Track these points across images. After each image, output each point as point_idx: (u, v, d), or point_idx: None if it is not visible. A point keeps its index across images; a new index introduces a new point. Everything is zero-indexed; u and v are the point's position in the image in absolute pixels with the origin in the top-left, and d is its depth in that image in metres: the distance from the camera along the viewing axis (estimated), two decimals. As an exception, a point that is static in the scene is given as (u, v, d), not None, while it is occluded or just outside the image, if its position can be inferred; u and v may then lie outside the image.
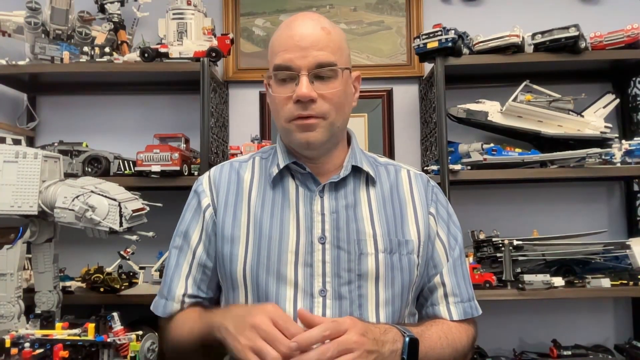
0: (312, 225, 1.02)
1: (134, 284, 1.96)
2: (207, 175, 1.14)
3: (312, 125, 1.00)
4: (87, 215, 1.34)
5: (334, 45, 1.01)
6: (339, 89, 1.01)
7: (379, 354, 0.84)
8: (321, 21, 1.03)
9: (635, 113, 2.11)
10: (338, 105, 1.02)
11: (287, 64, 0.99)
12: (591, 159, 1.86)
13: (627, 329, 2.12)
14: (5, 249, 1.39)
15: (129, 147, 2.03)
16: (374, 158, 1.17)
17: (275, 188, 1.08)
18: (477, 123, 1.97)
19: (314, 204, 1.04)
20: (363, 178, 1.09)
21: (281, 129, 1.06)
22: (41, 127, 2.26)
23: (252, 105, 2.26)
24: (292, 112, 1.00)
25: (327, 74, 0.99)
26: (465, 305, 1.08)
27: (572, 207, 2.17)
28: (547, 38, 1.88)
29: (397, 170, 1.14)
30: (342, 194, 1.06)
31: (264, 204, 1.06)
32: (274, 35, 1.06)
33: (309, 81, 0.98)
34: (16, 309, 1.40)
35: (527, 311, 2.12)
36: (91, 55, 1.99)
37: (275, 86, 1.02)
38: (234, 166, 1.14)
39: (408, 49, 2.23)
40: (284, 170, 1.08)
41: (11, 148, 1.41)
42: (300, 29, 1.00)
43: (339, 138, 1.09)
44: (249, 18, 2.28)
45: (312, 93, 0.97)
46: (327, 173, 1.08)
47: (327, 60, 0.99)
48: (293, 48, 0.98)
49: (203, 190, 1.11)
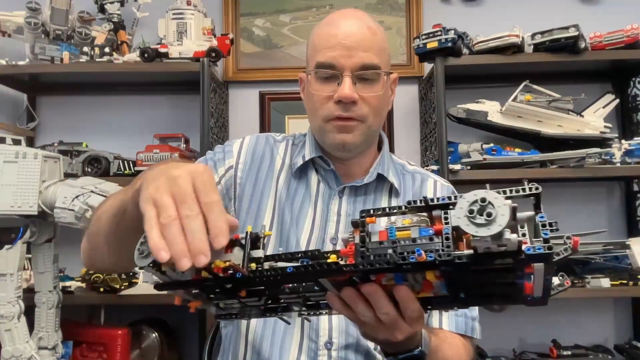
0: (327, 224, 1.01)
1: (134, 284, 1.96)
2: (240, 141, 1.10)
3: (350, 127, 0.98)
4: (87, 216, 1.34)
5: (378, 47, 0.98)
6: (380, 93, 0.99)
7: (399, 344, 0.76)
8: (366, 20, 1.00)
9: (635, 113, 2.11)
10: (377, 109, 1.00)
11: (331, 62, 0.96)
12: (591, 159, 1.86)
13: (627, 329, 2.12)
14: (5, 249, 1.39)
15: (129, 147, 2.03)
16: (402, 166, 1.14)
17: (300, 179, 1.06)
18: (477, 123, 1.97)
19: (331, 203, 1.03)
20: (387, 188, 1.07)
21: (316, 127, 1.03)
22: (41, 127, 2.26)
23: (252, 106, 2.26)
24: (331, 111, 0.97)
25: (371, 76, 0.97)
26: (459, 320, 1.01)
27: (572, 207, 2.17)
28: (547, 38, 1.88)
29: (423, 180, 1.11)
30: (362, 199, 1.04)
31: (288, 193, 1.04)
32: (316, 30, 1.03)
33: (352, 82, 0.95)
34: (16, 309, 1.40)
35: (527, 311, 2.12)
36: (91, 56, 1.99)
37: (315, 83, 0.99)
38: (270, 141, 1.11)
39: (408, 49, 2.23)
40: (309, 163, 1.06)
41: (11, 148, 1.41)
42: (345, 27, 0.97)
43: (372, 141, 1.07)
44: (249, 18, 2.28)
45: (355, 95, 0.95)
46: (352, 175, 1.06)
47: (372, 62, 0.96)
48: (337, 46, 0.96)
49: (231, 150, 1.08)
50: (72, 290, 1.86)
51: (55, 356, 1.54)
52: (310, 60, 1.01)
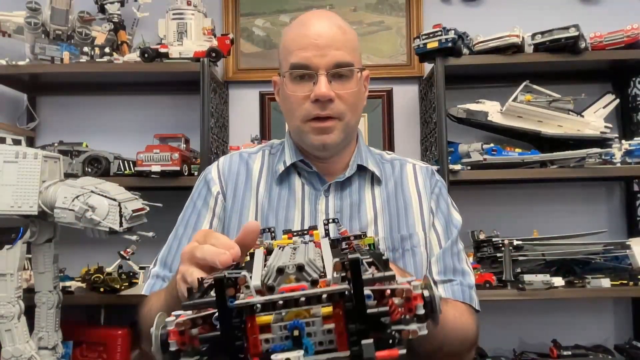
0: (316, 224, 1.02)
1: (134, 284, 1.96)
2: (215, 165, 1.13)
3: (328, 128, 0.99)
4: (87, 216, 1.34)
5: (350, 45, 1.00)
6: (355, 89, 1.00)
7: None
8: (336, 20, 1.02)
9: (635, 113, 2.11)
10: (353, 106, 1.01)
11: (305, 62, 0.97)
12: (591, 159, 1.86)
13: (627, 329, 2.12)
14: (5, 249, 1.39)
15: (129, 147, 2.03)
16: (381, 155, 1.16)
17: (282, 184, 1.07)
18: (477, 123, 1.97)
19: (318, 203, 1.04)
20: (368, 177, 1.09)
21: (295, 128, 1.04)
22: (41, 127, 2.26)
23: (252, 106, 2.26)
24: (309, 111, 0.98)
25: (345, 73, 0.99)
26: (455, 288, 1.01)
27: (572, 207, 2.17)
28: (547, 38, 1.88)
29: (402, 165, 1.13)
30: (347, 193, 1.06)
31: (270, 199, 1.06)
32: (287, 33, 1.04)
33: (327, 81, 0.97)
34: (16, 309, 1.40)
35: (527, 311, 2.12)
36: (91, 56, 1.99)
37: (291, 85, 1.00)
38: (243, 157, 1.13)
39: (408, 49, 2.23)
40: (290, 167, 1.07)
41: (11, 148, 1.41)
42: (316, 27, 0.99)
43: (351, 138, 1.08)
44: (249, 18, 2.28)
45: (331, 93, 0.96)
46: (335, 172, 1.08)
47: (345, 60, 0.98)
48: (310, 46, 0.97)
49: (212, 178, 1.10)
50: (72, 290, 1.87)
51: (55, 356, 1.54)
52: (284, 62, 1.02)
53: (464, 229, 1.14)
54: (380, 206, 1.05)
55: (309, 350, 0.43)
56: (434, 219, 1.07)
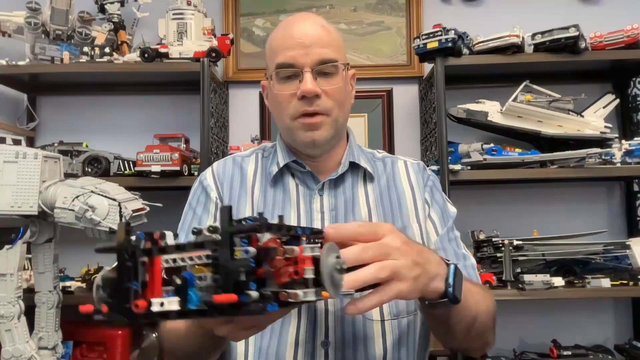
0: (312, 223, 1.02)
1: (134, 284, 1.95)
2: (210, 170, 1.14)
3: (317, 125, 1.00)
4: (87, 216, 1.34)
5: (335, 43, 1.02)
6: (341, 85, 1.02)
7: (424, 269, 0.71)
8: (320, 20, 1.05)
9: (635, 113, 2.11)
10: (340, 102, 1.03)
11: (290, 61, 0.99)
12: (591, 159, 1.86)
13: (627, 329, 2.12)
14: (5, 249, 1.39)
15: (129, 147, 2.03)
16: (372, 154, 1.17)
17: (276, 186, 1.08)
18: (477, 123, 1.97)
19: (313, 202, 1.05)
20: (361, 174, 1.10)
21: (284, 127, 1.06)
22: (41, 127, 2.26)
23: (252, 106, 2.26)
24: (297, 109, 1.00)
25: (330, 70, 1.00)
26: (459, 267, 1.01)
27: (572, 207, 2.17)
28: (547, 38, 1.88)
29: (393, 162, 1.14)
30: (341, 190, 1.07)
31: (266, 201, 1.06)
32: (272, 36, 1.06)
33: (313, 77, 0.98)
34: (16, 309, 1.40)
35: (527, 311, 2.12)
36: (91, 56, 1.99)
37: (278, 84, 1.02)
38: (237, 161, 1.14)
39: (408, 49, 2.23)
40: (284, 168, 1.08)
41: (11, 148, 1.41)
42: (301, 28, 1.01)
43: (341, 135, 1.10)
44: (249, 18, 2.28)
45: (317, 89, 0.98)
46: (327, 171, 1.09)
47: (329, 56, 1.00)
48: (295, 46, 0.99)
49: (208, 184, 1.11)
50: (72, 290, 1.86)
51: (55, 356, 1.54)
52: (270, 64, 1.04)
53: (464, 229, 1.14)
54: (373, 202, 1.06)
55: (193, 301, 0.49)
56: (429, 210, 1.08)
